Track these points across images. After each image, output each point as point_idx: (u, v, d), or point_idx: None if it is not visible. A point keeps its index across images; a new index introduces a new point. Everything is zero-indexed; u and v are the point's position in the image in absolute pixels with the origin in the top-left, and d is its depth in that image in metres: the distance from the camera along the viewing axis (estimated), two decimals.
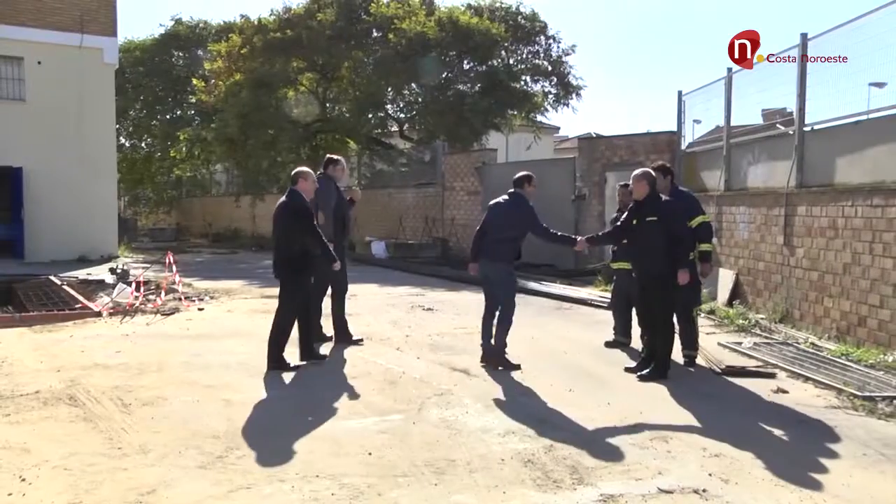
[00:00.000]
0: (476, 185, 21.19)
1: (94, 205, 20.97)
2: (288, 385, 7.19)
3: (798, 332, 9.63)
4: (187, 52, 34.97)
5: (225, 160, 30.69)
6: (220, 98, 25.59)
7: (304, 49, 24.72)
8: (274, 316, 8.13)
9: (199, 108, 31.29)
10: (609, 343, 9.15)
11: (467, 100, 24.01)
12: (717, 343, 9.14)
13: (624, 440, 5.59)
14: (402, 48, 23.45)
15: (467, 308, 12.14)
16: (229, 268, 20.25)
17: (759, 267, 11.23)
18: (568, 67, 25.80)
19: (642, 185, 7.59)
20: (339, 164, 9.32)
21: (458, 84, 25.40)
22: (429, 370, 7.87)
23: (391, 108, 27.20)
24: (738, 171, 12.28)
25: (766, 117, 12.09)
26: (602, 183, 17.36)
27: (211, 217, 36.89)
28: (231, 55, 26.01)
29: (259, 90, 24.32)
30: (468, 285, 15.55)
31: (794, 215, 10.20)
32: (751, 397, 6.97)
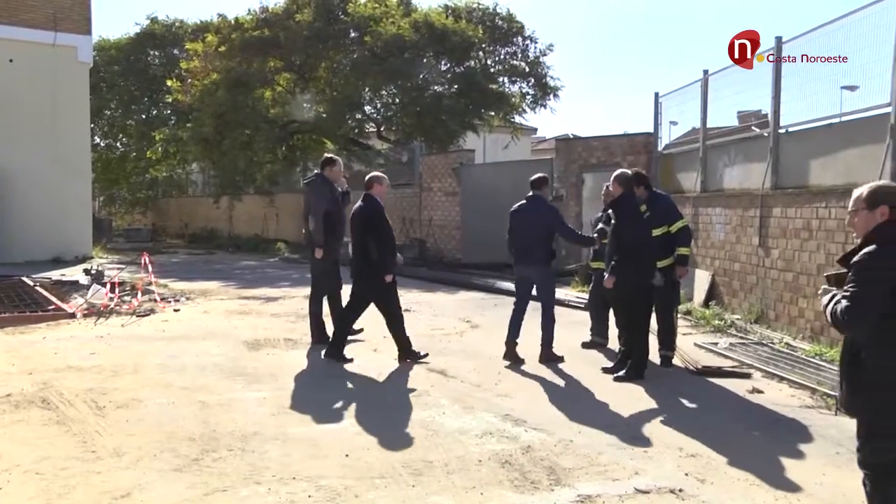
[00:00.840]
0: (454, 185, 21.18)
1: (69, 205, 20.71)
2: (264, 387, 7.14)
3: (773, 333, 9.71)
4: (163, 50, 34.67)
5: (201, 160, 30.45)
6: (197, 98, 25.40)
7: (281, 49, 24.60)
8: (388, 328, 8.35)
9: (174, 107, 31.02)
10: (586, 344, 9.18)
11: (444, 101, 23.99)
12: (694, 343, 9.19)
13: (601, 441, 5.60)
14: (378, 50, 23.41)
15: (444, 309, 12.14)
16: (206, 269, 20.11)
17: (734, 268, 11.31)
18: (545, 68, 25.89)
19: (615, 186, 7.74)
20: (336, 164, 9.24)
21: (435, 85, 25.38)
22: (405, 371, 7.86)
23: (368, 108, 27.14)
24: (714, 173, 12.37)
25: (742, 119, 12.19)
26: (579, 184, 17.41)
27: (187, 217, 36.61)
28: (207, 54, 25.84)
29: (235, 90, 24.17)
30: (445, 286, 15.56)
31: (770, 216, 10.29)
32: (727, 397, 7.02)
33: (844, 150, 8.94)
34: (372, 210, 8.11)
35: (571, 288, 14.44)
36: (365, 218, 8.08)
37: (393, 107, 26.20)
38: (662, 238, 7.95)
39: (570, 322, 10.84)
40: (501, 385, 7.32)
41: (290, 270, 19.76)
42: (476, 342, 9.32)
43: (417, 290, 14.91)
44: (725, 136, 12.28)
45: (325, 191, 9.01)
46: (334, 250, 9.21)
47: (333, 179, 9.18)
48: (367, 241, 8.03)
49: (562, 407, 6.54)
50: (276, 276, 18.05)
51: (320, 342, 9.10)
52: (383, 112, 26.96)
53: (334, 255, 9.23)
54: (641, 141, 16.34)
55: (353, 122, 26.25)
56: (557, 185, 17.98)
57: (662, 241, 7.94)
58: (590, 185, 17.15)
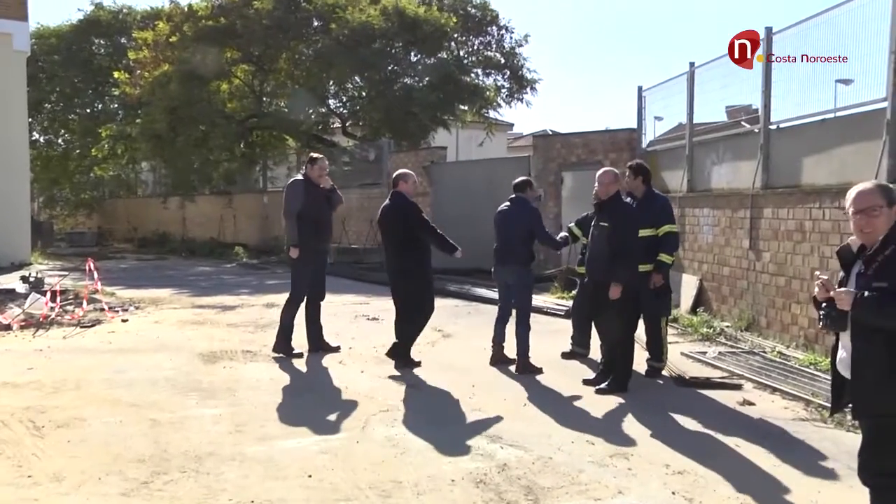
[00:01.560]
0: (425, 185, 21.12)
1: (4, 206, 20.33)
2: (220, 403, 7.06)
3: (765, 341, 9.80)
4: (109, 39, 34.27)
5: (151, 158, 30.23)
6: (147, 91, 25.20)
7: (239, 39, 24.48)
8: (397, 324, 8.65)
9: (122, 101, 30.76)
10: (566, 354, 9.19)
11: (415, 94, 24.01)
12: (681, 353, 9.23)
13: (582, 457, 5.60)
14: (344, 39, 23.36)
15: None
16: (157, 275, 19.93)
17: (723, 272, 11.40)
18: (521, 60, 26.05)
19: (607, 186, 7.68)
20: (318, 163, 9.23)
21: (405, 77, 25.41)
22: (374, 384, 7.82)
23: (333, 102, 27.08)
24: (702, 171, 12.47)
25: (731, 115, 12.30)
26: (558, 183, 17.48)
27: (136, 220, 36.27)
28: (158, 44, 25.62)
29: (189, 83, 24.00)
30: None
31: (760, 217, 10.39)
32: (716, 410, 7.06)
33: (839, 147, 9.04)
34: (408, 207, 8.45)
35: (550, 294, 14.47)
36: (401, 215, 8.41)
37: (359, 100, 26.20)
38: (648, 241, 7.95)
39: (549, 330, 10.85)
40: (476, 398, 7.30)
41: (249, 277, 19.63)
42: (449, 353, 9.30)
43: (388, 297, 14.81)
44: (713, 132, 12.38)
45: (298, 191, 9.02)
46: (320, 253, 9.32)
47: (315, 178, 9.15)
48: (403, 239, 8.39)
49: (540, 422, 6.54)
50: (233, 283, 17.92)
51: (283, 352, 9.08)
52: (349, 106, 26.96)
53: (322, 258, 9.38)
54: (624, 137, 16.45)
55: (317, 116, 26.22)
56: (535, 184, 18.02)
57: (648, 244, 7.96)
58: (569, 185, 17.23)
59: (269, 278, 19.23)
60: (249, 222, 29.02)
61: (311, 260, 9.13)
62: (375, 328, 11.23)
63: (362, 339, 10.24)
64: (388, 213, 8.58)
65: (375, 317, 12.15)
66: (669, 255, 8.14)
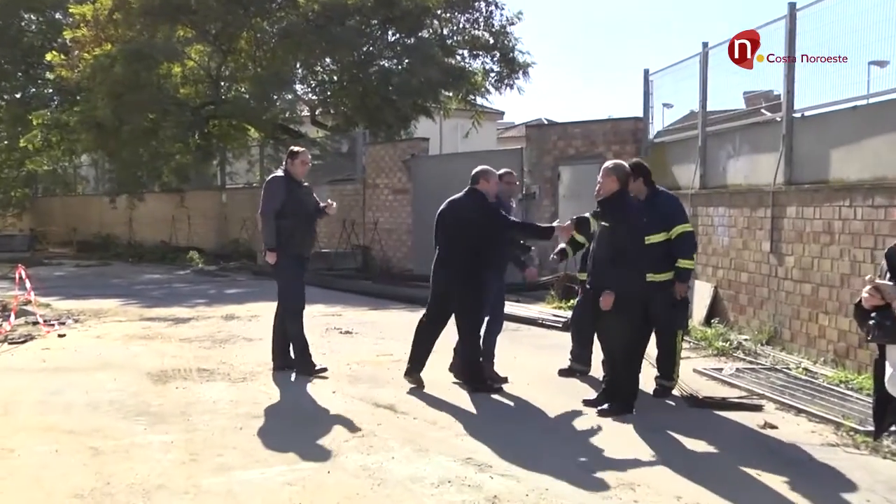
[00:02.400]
0: (404, 181, 21.16)
1: None
2: (172, 428, 7.00)
3: (788, 356, 9.82)
4: (41, 15, 33.96)
5: (93, 151, 30.01)
6: (86, 74, 24.98)
7: (192, 15, 24.37)
8: (459, 344, 8.58)
9: (58, 85, 30.47)
10: (564, 371, 9.17)
11: (393, 78, 23.99)
12: (693, 369, 9.24)
13: (581, 488, 5.58)
14: (313, 16, 23.30)
15: (392, 330, 12.07)
16: (99, 283, 19.83)
17: (741, 279, 11.43)
18: (513, 40, 26.04)
19: (611, 181, 7.61)
20: (299, 156, 9.20)
21: (382, 59, 25.38)
22: (347, 407, 7.79)
23: (301, 88, 27.02)
24: (716, 165, 12.49)
25: (749, 101, 12.33)
26: (555, 179, 17.50)
27: (76, 221, 35.99)
28: (99, 21, 25.44)
29: (136, 64, 23.78)
30: (394, 302, 15.50)
31: (783, 217, 10.41)
32: (733, 434, 7.06)
33: (872, 138, 9.06)
34: (491, 210, 8.40)
35: (546, 304, 14.48)
36: (483, 218, 8.35)
37: (331, 86, 26.14)
38: (663, 246, 7.93)
39: (546, 345, 10.86)
40: (462, 422, 7.27)
41: (206, 285, 19.55)
42: (431, 370, 9.24)
43: (363, 307, 14.85)
44: (729, 121, 12.41)
45: (278, 188, 9.03)
46: (302, 257, 9.31)
47: (297, 175, 9.18)
48: (474, 245, 8.31)
49: (535, 448, 6.52)
50: (187, 293, 17.85)
51: (308, 373, 9.08)
52: (319, 92, 26.89)
53: (304, 262, 9.39)
54: (628, 127, 16.49)
55: (283, 104, 26.11)
56: (528, 180, 18.04)
57: (664, 249, 7.93)
58: (567, 181, 17.26)
59: (228, 286, 19.15)
60: (206, 224, 28.89)
61: (295, 263, 9.15)
62: (349, 343, 11.20)
63: (334, 355, 10.20)
64: (462, 211, 8.41)
65: (349, 330, 12.11)
66: (689, 259, 8.10)
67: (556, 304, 14.28)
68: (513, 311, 13.48)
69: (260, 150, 27.92)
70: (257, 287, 18.22)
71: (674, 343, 8.25)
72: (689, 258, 8.10)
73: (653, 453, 6.44)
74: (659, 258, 7.86)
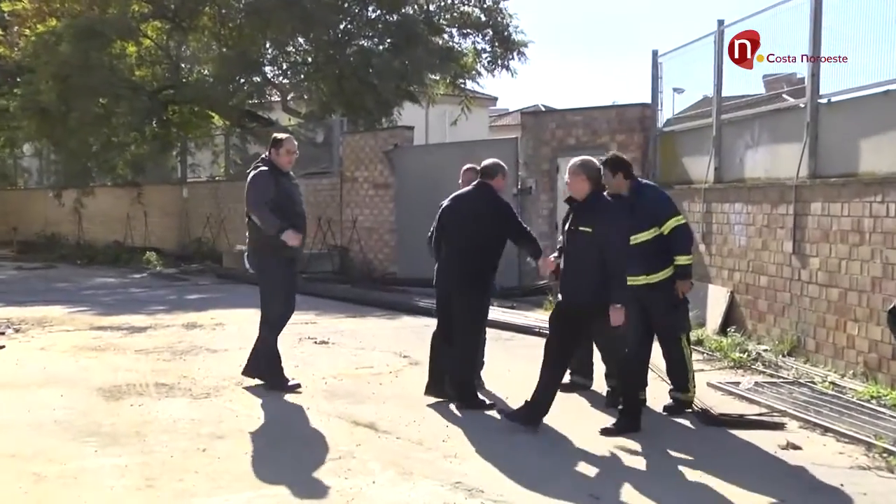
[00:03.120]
0: (386, 174, 21.11)
1: None
2: (126, 451, 6.96)
3: (813, 369, 9.83)
4: None
5: (36, 139, 29.90)
6: (29, 53, 24.90)
7: None
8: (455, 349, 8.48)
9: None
10: (563, 385, 9.13)
11: (374, 60, 23.93)
12: (707, 383, 9.24)
13: None
14: None
15: (373, 340, 12.05)
16: (44, 288, 19.74)
17: (760, 283, 11.44)
18: (507, 17, 26.00)
19: (579, 182, 7.59)
20: (284, 145, 9.13)
21: (361, 39, 25.33)
22: (322, 425, 7.78)
23: (271, 70, 26.93)
24: (733, 157, 12.51)
25: (770, 86, 12.36)
26: (553, 172, 17.49)
27: (16, 218, 35.83)
28: None
29: (86, 43, 23.65)
30: (375, 309, 15.47)
31: (807, 214, 10.42)
32: (752, 456, 7.05)
33: None
34: (505, 207, 8.62)
35: (544, 310, 14.46)
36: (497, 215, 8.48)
37: (304, 68, 26.04)
38: (655, 243, 7.98)
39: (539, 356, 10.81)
40: (450, 442, 7.27)
41: (165, 290, 19.48)
42: (416, 385, 9.22)
43: (340, 314, 14.82)
44: (747, 107, 12.42)
45: (266, 181, 8.98)
46: (293, 259, 9.34)
47: (283, 165, 9.15)
48: (483, 245, 8.42)
49: (530, 471, 6.50)
50: (144, 299, 17.80)
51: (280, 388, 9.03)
52: (291, 75, 26.77)
53: (294, 266, 9.47)
54: (635, 115, 16.47)
55: (250, 87, 26.02)
56: (524, 173, 18.04)
57: (656, 247, 7.97)
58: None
59: (189, 291, 19.08)
60: (165, 221, 28.80)
61: (284, 266, 9.14)
62: (324, 354, 11.17)
63: (308, 368, 10.19)
64: (473, 206, 8.47)
65: (325, 340, 12.08)
66: (686, 255, 8.12)
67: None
68: (507, 319, 13.52)
69: (225, 140, 27.82)
70: (222, 292, 18.16)
71: (680, 349, 8.24)
72: (687, 253, 8.13)
73: (662, 477, 6.43)
74: (651, 257, 7.94)
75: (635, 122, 16.33)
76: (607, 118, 17.04)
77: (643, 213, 7.99)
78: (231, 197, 25.22)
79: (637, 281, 7.94)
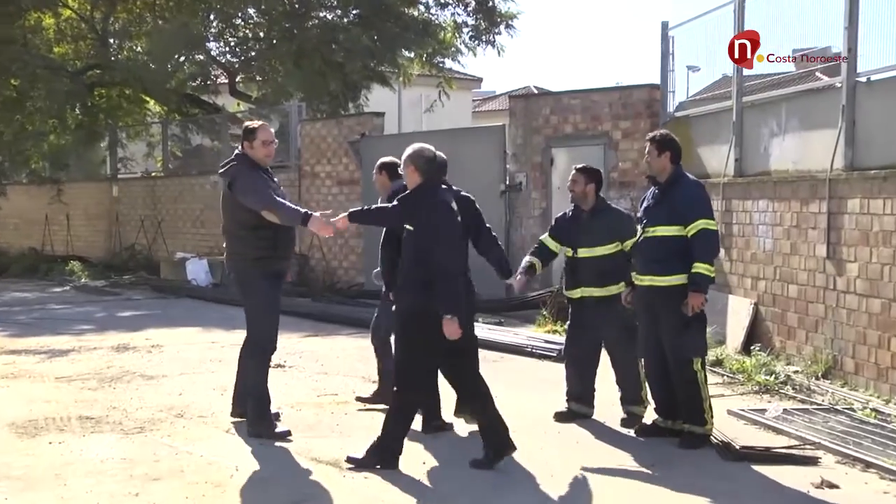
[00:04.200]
0: (352, 169, 21.08)
1: None
2: (44, 497, 6.91)
3: (852, 393, 9.84)
4: None
5: None
6: None
7: None
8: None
9: None
10: (561, 415, 9.12)
11: (338, 35, 23.92)
12: (728, 411, 9.25)
13: None
14: None
15: (337, 362, 12.05)
16: None
17: (789, 293, 11.45)
18: None
19: (411, 172, 7.76)
20: (258, 135, 8.82)
21: (323, 10, 25.31)
22: (278, 463, 7.77)
23: (216, 47, 26.89)
24: (756, 146, 12.53)
25: (800, 62, 12.37)
26: (547, 164, 17.49)
27: None
28: None
29: None
30: (340, 327, 15.45)
31: (843, 213, 10.43)
32: (781, 495, 7.05)
33: None
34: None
35: (537, 327, 14.44)
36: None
37: (255, 44, 26.00)
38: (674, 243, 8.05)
39: (536, 380, 10.86)
40: (427, 484, 7.27)
41: (91, 306, 19.41)
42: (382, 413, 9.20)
43: (296, 332, 14.74)
44: (774, 87, 12.45)
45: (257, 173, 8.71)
46: (282, 275, 9.19)
47: (261, 159, 8.86)
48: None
49: None
50: (66, 316, 17.74)
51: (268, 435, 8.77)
52: (240, 53, 26.74)
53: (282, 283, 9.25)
54: (641, 97, 16.48)
55: (191, 67, 25.98)
56: (512, 166, 18.02)
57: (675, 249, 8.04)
58: (563, 168, 17.21)
59: (121, 307, 19.00)
60: (91, 225, 28.69)
61: (274, 284, 8.93)
62: (281, 379, 11.07)
63: None
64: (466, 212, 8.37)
65: (281, 363, 11.96)
66: (709, 265, 8.07)
67: (550, 326, 14.23)
68: (494, 337, 13.48)
69: (163, 129, 27.70)
70: (160, 308, 18.10)
71: (693, 375, 8.18)
72: (708, 262, 8.07)
73: None
74: (663, 258, 8.02)
75: (642, 106, 16.34)
76: (610, 102, 17.03)
77: (670, 206, 8.08)
78: (170, 196, 25.17)
79: (642, 281, 8.07)
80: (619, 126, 16.31)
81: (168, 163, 27.32)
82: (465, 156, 17.01)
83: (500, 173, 18.14)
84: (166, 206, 25.40)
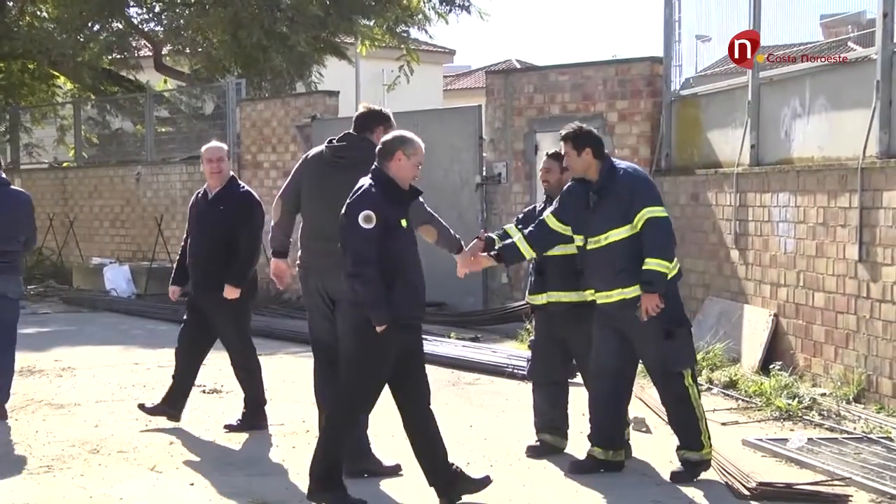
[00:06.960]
0: (299, 155, 21.00)
1: None
2: None
3: (889, 419, 9.86)
4: None
5: None
6: None
7: None
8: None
9: None
10: (533, 449, 9.07)
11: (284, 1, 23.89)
12: (743, 441, 9.28)
13: None
14: None
15: (285, 386, 12.04)
16: None
17: (815, 302, 11.49)
18: None
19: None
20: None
21: None
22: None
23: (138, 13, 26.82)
24: (775, 129, 12.56)
25: (829, 31, 12.42)
26: (531, 152, 17.48)
27: None
28: None
29: None
30: (287, 344, 15.42)
31: (878, 208, 10.47)
32: None
33: None
34: None
35: (519, 342, 14.43)
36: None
37: (185, 11, 25.95)
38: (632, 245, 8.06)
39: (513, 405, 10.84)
40: None
41: None
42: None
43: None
44: (797, 61, 12.47)
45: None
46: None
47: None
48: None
49: None
50: None
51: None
52: (167, 21, 26.68)
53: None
54: (641, 73, 16.44)
55: (109, 38, 25.90)
56: (490, 154, 18.01)
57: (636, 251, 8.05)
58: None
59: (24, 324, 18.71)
60: None
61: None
62: (216, 407, 11.08)
63: (197, 425, 10.22)
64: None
65: (216, 388, 11.97)
66: (664, 259, 8.07)
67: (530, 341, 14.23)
68: (468, 356, 13.46)
69: (75, 111, 27.52)
70: (72, 323, 18.02)
71: (684, 391, 8.19)
72: (661, 256, 8.05)
73: None
74: (627, 265, 8.03)
75: (642, 83, 16.28)
76: (604, 78, 16.96)
77: (616, 205, 8.09)
78: (84, 191, 25.06)
79: (610, 297, 8.09)
80: (615, 106, 16.26)
81: (82, 151, 27.13)
82: (433, 142, 16.88)
83: (476, 163, 18.13)
84: (80, 202, 25.27)
